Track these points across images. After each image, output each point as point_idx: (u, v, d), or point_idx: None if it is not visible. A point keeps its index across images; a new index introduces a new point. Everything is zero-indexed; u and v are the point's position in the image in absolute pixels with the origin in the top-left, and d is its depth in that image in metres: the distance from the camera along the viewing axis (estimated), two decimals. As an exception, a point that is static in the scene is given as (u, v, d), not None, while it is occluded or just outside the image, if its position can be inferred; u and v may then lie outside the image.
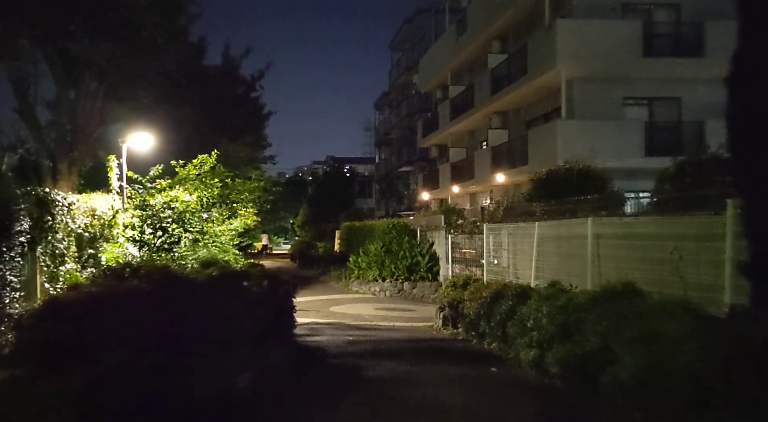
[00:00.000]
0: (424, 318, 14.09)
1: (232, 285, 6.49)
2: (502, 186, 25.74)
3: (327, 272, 25.33)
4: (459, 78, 31.50)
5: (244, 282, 6.84)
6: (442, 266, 18.84)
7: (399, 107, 42.97)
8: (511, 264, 11.92)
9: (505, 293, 8.80)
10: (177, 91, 21.22)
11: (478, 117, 27.53)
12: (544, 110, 22.92)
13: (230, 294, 6.32)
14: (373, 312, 15.38)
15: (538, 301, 6.87)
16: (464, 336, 10.43)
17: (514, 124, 25.54)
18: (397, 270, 19.18)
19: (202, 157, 12.85)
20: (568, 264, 9.17)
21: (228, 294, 6.27)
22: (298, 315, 14.72)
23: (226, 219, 13.32)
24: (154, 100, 17.69)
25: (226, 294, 6.24)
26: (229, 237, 13.85)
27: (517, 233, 11.78)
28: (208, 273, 6.42)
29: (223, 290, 6.32)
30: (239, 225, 13.65)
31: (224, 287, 6.34)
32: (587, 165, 13.24)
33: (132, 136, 14.24)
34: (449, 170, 30.75)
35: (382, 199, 48.74)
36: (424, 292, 18.83)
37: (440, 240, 18.95)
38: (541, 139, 20.77)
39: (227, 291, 6.29)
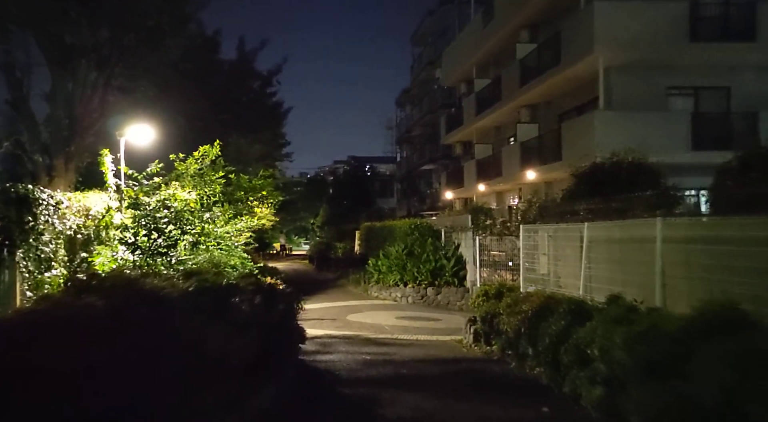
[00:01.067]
0: (451, 329, 12.65)
1: (215, 303, 5.14)
2: (531, 184, 24.13)
3: (345, 275, 23.96)
4: (485, 71, 29.93)
5: (232, 299, 5.48)
6: (469, 270, 17.36)
7: (421, 103, 41.47)
8: (551, 271, 10.41)
9: (553, 308, 7.32)
10: (186, 84, 20.06)
11: (505, 111, 25.95)
12: (578, 102, 21.29)
13: (212, 314, 4.95)
14: (394, 321, 13.96)
15: (605, 324, 5.39)
16: (500, 356, 8.97)
17: (545, 117, 23.93)
18: (419, 274, 17.74)
19: (203, 149, 11.55)
20: (627, 273, 7.65)
21: (209, 315, 4.91)
22: (311, 325, 13.42)
23: (231, 219, 12.02)
24: (160, 93, 16.48)
25: (205, 315, 4.88)
26: (236, 238, 12.54)
27: (559, 235, 10.27)
28: (183, 288, 5.09)
29: (203, 309, 4.95)
30: (245, 226, 12.35)
31: (205, 306, 4.99)
32: (637, 158, 11.65)
33: (131, 128, 13.03)
34: (474, 167, 29.22)
35: (404, 198, 47.30)
36: (450, 299, 17.37)
37: (467, 242, 17.46)
38: (576, 133, 19.15)
39: (208, 310, 4.93)
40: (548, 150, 21.91)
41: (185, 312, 4.90)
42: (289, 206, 51.57)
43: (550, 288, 9.96)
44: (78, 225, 11.33)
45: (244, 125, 22.95)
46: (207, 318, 4.83)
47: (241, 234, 23.36)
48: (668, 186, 11.17)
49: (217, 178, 11.29)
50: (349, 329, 12.66)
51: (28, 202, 9.69)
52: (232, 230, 12.15)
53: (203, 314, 4.87)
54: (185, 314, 4.84)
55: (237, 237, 12.56)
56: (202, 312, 4.87)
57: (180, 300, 4.97)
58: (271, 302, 6.37)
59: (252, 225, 12.31)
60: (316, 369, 8.04)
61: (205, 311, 4.93)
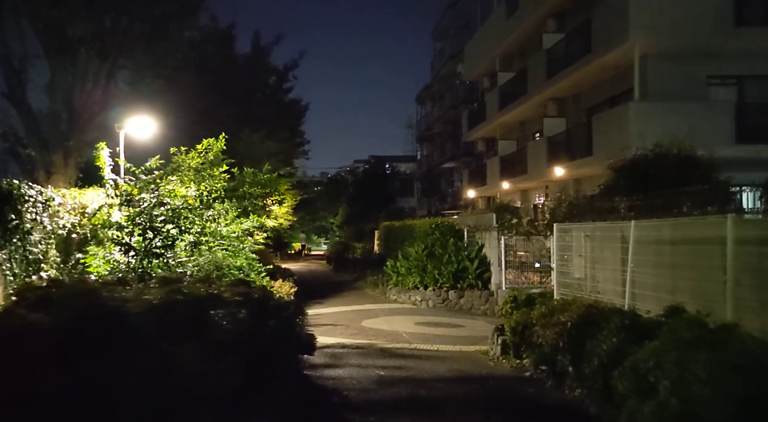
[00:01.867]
0: (475, 337, 11.58)
1: (189, 320, 4.18)
2: (559, 181, 22.93)
3: (363, 277, 22.95)
4: (508, 64, 28.74)
5: (213, 313, 4.51)
6: (494, 272, 16.25)
7: (442, 99, 40.33)
8: (588, 274, 9.29)
9: (598, 320, 6.24)
10: (196, 78, 19.26)
11: (530, 105, 24.74)
12: (609, 94, 20.03)
13: (185, 333, 3.98)
14: (413, 328, 12.92)
15: (677, 348, 4.29)
16: (533, 372, 7.89)
17: (573, 111, 22.69)
18: (441, 276, 16.68)
19: (207, 142, 10.62)
20: (682, 279, 6.53)
21: (180, 335, 3.93)
22: (323, 332, 12.44)
23: (237, 217, 11.09)
24: (167, 85, 15.65)
25: (176, 334, 3.90)
26: (242, 238, 11.61)
27: (597, 235, 9.15)
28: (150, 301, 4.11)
29: (174, 328, 3.98)
30: (252, 225, 11.41)
31: (176, 323, 4.02)
32: (685, 149, 10.46)
33: (131, 121, 12.19)
34: (498, 164, 28.03)
35: (424, 197, 46.22)
36: (473, 303, 16.27)
37: (491, 243, 16.36)
38: (609, 126, 17.92)
39: (180, 329, 3.96)
40: (577, 145, 20.74)
41: (154, 331, 3.93)
42: (309, 205, 50.99)
43: (586, 295, 8.86)
44: (73, 224, 10.49)
45: (258, 121, 22.08)
46: (178, 339, 3.86)
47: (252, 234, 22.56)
48: (721, 181, 9.96)
49: (220, 172, 10.33)
50: (363, 337, 11.66)
51: (12, 198, 8.85)
52: (238, 230, 11.22)
53: (174, 333, 3.90)
54: (152, 334, 3.87)
55: (243, 238, 11.63)
56: (172, 331, 3.91)
57: (148, 317, 4.01)
58: (263, 316, 5.40)
59: (260, 224, 11.34)
60: (322, 389, 7.05)
61: (176, 330, 3.97)
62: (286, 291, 15.32)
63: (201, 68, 19.93)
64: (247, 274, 12.07)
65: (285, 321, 5.98)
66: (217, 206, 10.06)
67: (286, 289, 15.44)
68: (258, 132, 18.79)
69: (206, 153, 10.82)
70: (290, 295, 15.23)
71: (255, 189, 11.33)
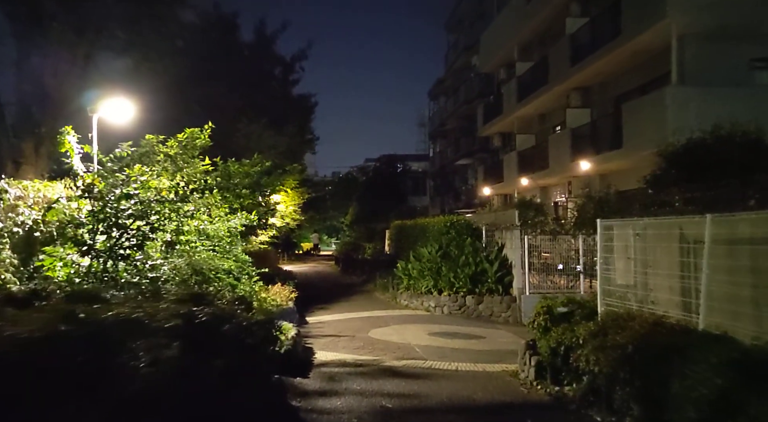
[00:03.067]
0: (499, 352, 10.03)
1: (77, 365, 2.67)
2: (583, 176, 21.26)
3: (372, 279, 21.39)
4: (527, 53, 27.06)
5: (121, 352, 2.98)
6: (516, 275, 14.65)
7: (456, 93, 38.66)
8: (639, 281, 7.68)
9: (679, 347, 4.64)
10: (193, 64, 17.81)
11: (552, 96, 23.07)
12: (640, 81, 18.36)
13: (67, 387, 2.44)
14: (427, 339, 11.36)
15: None
16: (579, 405, 6.30)
17: (599, 101, 21.03)
18: (457, 280, 15.10)
19: (190, 131, 9.14)
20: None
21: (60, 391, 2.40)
22: (324, 345, 10.88)
23: (226, 214, 9.60)
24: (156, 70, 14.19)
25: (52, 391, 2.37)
26: (228, 239, 10.14)
27: (650, 233, 7.53)
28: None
29: (51, 379, 2.45)
30: (240, 222, 9.90)
31: (55, 370, 2.50)
32: (752, 132, 8.81)
33: (106, 104, 10.73)
34: (516, 160, 26.39)
35: (437, 195, 44.59)
36: (493, 309, 14.68)
37: (513, 243, 14.75)
38: (641, 115, 16.26)
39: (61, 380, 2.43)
40: (604, 137, 19.13)
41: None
42: (319, 204, 49.67)
43: (640, 306, 7.27)
44: (36, 220, 9.04)
45: (261, 112, 20.58)
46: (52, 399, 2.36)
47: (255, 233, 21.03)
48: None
49: (201, 163, 8.82)
50: (369, 351, 10.11)
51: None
52: (224, 228, 9.73)
53: (47, 388, 2.40)
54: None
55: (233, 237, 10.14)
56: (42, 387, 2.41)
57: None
58: (208, 350, 3.87)
59: (250, 221, 9.84)
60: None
61: (52, 382, 2.47)
62: (286, 296, 13.83)
63: (199, 54, 18.49)
64: (237, 278, 10.60)
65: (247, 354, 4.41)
66: (198, 200, 8.54)
67: (285, 294, 13.94)
68: (258, 122, 17.30)
69: (189, 143, 9.35)
70: (289, 301, 13.74)
71: (243, 180, 9.81)
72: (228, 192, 9.09)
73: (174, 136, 9.98)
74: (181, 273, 8.46)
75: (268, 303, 10.92)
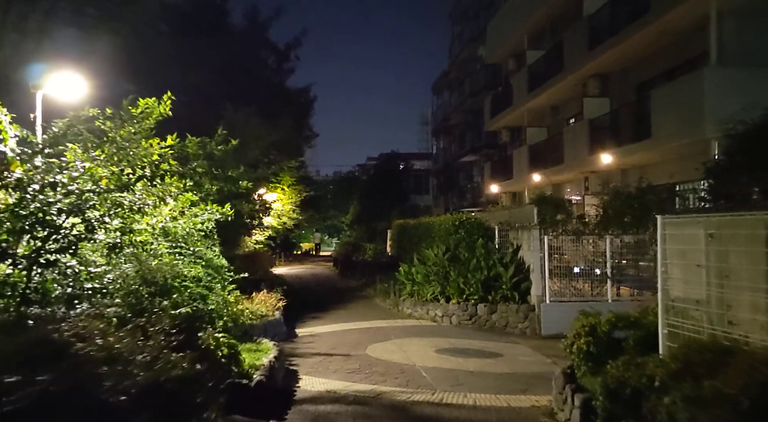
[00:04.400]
0: (523, 376, 8.31)
1: None
2: (602, 171, 19.54)
3: (372, 283, 19.64)
4: (538, 41, 25.32)
5: None
6: (535, 281, 12.91)
7: (461, 86, 36.89)
8: (714, 297, 5.92)
9: None
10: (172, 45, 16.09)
11: (566, 84, 21.34)
12: (666, 65, 16.64)
13: None
14: (435, 359, 9.63)
15: None
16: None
17: (620, 89, 19.30)
18: (467, 286, 13.36)
19: (145, 103, 7.42)
20: None
21: None
22: (313, 366, 9.03)
23: (190, 207, 7.87)
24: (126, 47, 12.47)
25: None
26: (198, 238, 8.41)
27: (726, 234, 5.80)
28: None
29: None
30: (209, 218, 8.16)
31: None
32: None
33: (52, 78, 9.01)
34: (527, 155, 24.65)
35: (440, 194, 42.84)
36: (508, 320, 12.94)
37: (532, 244, 13.00)
38: (675, 100, 14.51)
39: None
40: (626, 128, 17.44)
41: None
42: (319, 204, 48.04)
43: (709, 327, 5.55)
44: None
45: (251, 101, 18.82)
46: None
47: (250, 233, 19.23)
48: None
49: (158, 145, 7.05)
50: (366, 376, 8.37)
51: None
52: (189, 225, 7.98)
53: None
54: None
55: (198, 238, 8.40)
56: None
57: None
58: None
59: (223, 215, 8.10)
60: None
61: None
62: (272, 305, 12.11)
63: (181, 37, 16.76)
64: (208, 287, 8.87)
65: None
66: (152, 190, 6.78)
67: (271, 303, 12.22)
68: (244, 109, 15.55)
69: (144, 118, 7.60)
70: (276, 311, 12.02)
71: (202, 163, 8.06)
72: (188, 179, 7.36)
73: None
74: (127, 282, 6.73)
75: (245, 316, 9.18)
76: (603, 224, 13.23)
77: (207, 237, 10.46)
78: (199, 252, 9.23)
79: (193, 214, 7.90)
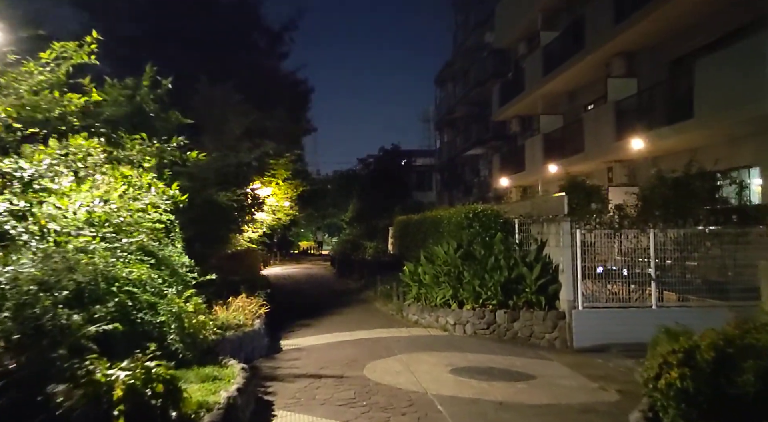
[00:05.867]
0: (569, 410, 6.31)
1: None
2: (629, 160, 17.54)
3: (372, 285, 17.59)
4: (553, 21, 23.31)
5: None
6: (565, 283, 10.86)
7: (466, 76, 34.79)
8: None
9: None
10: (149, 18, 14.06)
11: (587, 66, 19.36)
12: (710, 37, 14.61)
13: None
14: (451, 383, 7.61)
15: None
16: None
17: (649, 67, 17.31)
18: (484, 289, 11.33)
19: (62, 45, 5.42)
20: None
21: None
22: (293, 397, 6.64)
23: (125, 188, 5.83)
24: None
25: None
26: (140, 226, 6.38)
27: None
28: None
29: None
30: (152, 201, 6.10)
31: None
32: None
33: None
34: (541, 144, 22.64)
35: (444, 190, 40.78)
36: (533, 329, 10.90)
37: (561, 239, 10.95)
38: (726, 72, 12.49)
39: None
40: (658, 109, 15.52)
41: None
42: (318, 201, 46.05)
43: None
44: None
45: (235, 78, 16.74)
46: None
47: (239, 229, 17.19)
48: None
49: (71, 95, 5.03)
50: (364, 411, 6.34)
51: None
52: (123, 207, 5.94)
53: None
54: None
55: (141, 227, 6.36)
56: None
57: None
58: None
59: (170, 197, 6.09)
60: None
61: None
62: (251, 312, 10.08)
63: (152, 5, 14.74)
64: (159, 293, 6.84)
65: None
66: (59, 153, 4.75)
67: (251, 309, 10.18)
68: (223, 83, 13.47)
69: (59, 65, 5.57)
70: (255, 319, 9.99)
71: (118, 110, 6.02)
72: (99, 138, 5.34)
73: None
74: (21, 289, 4.71)
75: (208, 329, 7.14)
76: (644, 215, 11.21)
77: (169, 231, 8.46)
78: (151, 248, 7.21)
79: (131, 197, 5.86)
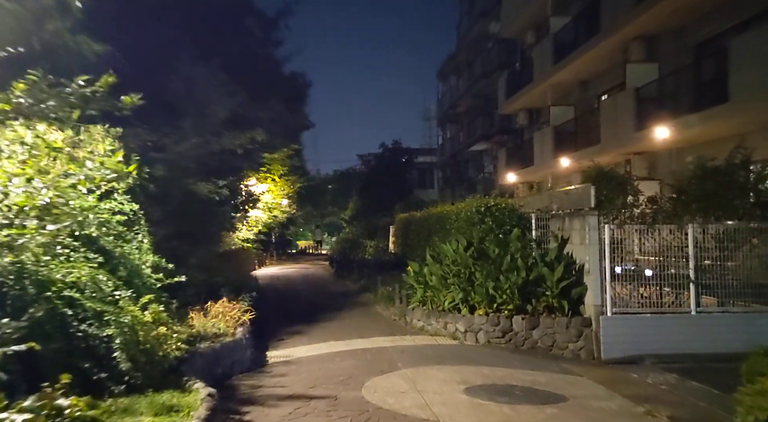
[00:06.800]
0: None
1: None
2: (650, 152, 16.25)
3: (372, 286, 16.26)
4: (563, 6, 21.98)
5: None
6: (591, 286, 9.55)
7: (471, 68, 33.47)
8: None
9: None
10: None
11: (601, 52, 18.05)
12: (741, 16, 13.33)
13: None
14: (467, 407, 6.33)
15: None
16: None
17: (672, 51, 15.99)
18: (499, 292, 10.02)
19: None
20: None
21: None
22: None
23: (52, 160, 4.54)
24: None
25: None
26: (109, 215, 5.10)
27: None
28: None
29: None
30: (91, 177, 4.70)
31: None
32: None
33: None
34: (551, 137, 21.33)
35: (447, 187, 39.47)
36: (555, 338, 9.60)
37: (586, 236, 9.65)
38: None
39: None
40: (685, 95, 14.23)
41: None
42: (317, 199, 44.82)
43: None
44: None
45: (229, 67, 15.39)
46: None
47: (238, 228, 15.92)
48: None
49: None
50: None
51: None
52: (52, 186, 4.65)
53: None
54: None
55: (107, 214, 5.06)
56: None
57: None
58: None
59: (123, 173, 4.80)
60: None
61: None
62: (233, 319, 8.78)
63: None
64: (109, 299, 5.55)
65: None
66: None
67: (233, 316, 8.88)
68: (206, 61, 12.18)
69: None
70: (237, 327, 8.69)
71: None
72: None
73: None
74: None
75: (171, 344, 5.83)
76: (680, 209, 9.91)
77: (131, 224, 7.19)
78: (103, 244, 5.92)
79: (61, 173, 4.56)
